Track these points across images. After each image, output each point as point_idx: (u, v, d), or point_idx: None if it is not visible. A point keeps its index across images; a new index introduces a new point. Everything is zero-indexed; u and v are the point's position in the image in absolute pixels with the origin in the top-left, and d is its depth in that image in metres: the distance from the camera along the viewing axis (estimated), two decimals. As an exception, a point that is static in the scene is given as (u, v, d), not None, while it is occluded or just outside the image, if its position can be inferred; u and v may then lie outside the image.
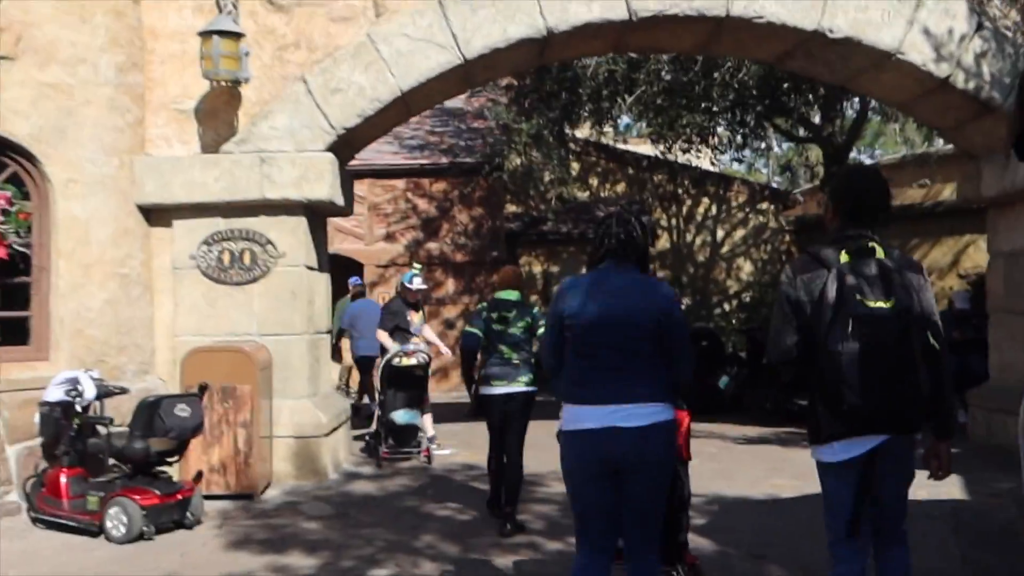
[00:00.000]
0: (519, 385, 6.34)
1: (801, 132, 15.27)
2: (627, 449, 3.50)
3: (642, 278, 3.73)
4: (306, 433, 7.83)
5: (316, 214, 8.41)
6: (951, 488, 7.27)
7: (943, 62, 8.03)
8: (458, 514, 6.81)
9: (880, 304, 3.17)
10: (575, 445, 3.59)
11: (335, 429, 8.26)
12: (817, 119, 14.24)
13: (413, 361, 8.46)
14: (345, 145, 8.38)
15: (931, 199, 18.08)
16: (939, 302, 14.12)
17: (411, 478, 8.11)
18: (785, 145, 20.27)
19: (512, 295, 6.54)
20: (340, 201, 8.39)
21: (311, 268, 8.18)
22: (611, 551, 3.67)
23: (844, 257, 3.25)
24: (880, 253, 3.28)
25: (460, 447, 9.55)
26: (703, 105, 13.13)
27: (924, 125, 9.42)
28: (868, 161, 22.17)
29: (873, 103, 13.92)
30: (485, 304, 6.71)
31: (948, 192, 18.89)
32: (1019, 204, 8.67)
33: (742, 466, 8.42)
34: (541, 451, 6.86)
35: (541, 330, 6.26)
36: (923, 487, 7.32)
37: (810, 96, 13.14)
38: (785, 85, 12.29)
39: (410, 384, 8.63)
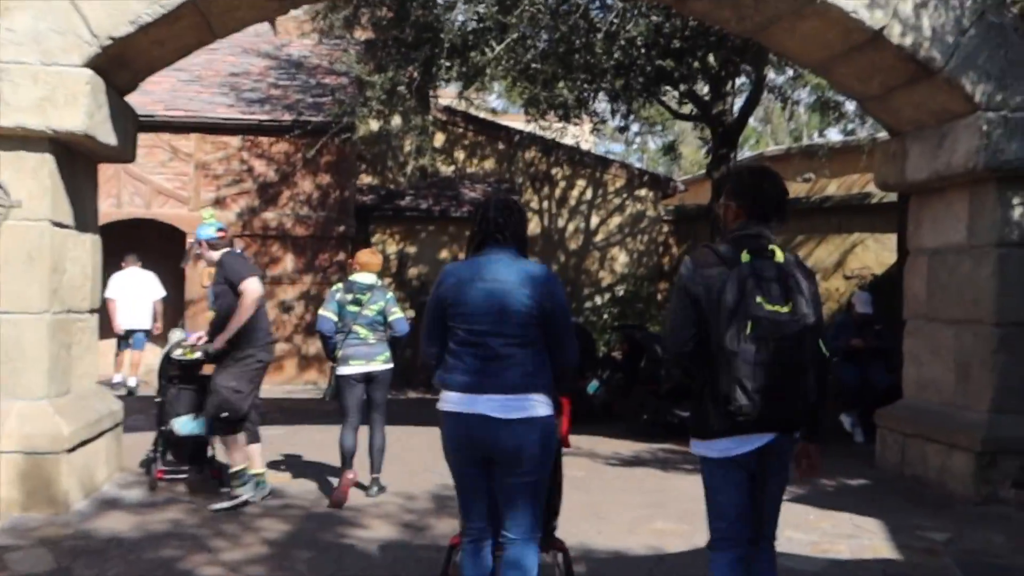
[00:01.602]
0: (378, 363, 6.61)
1: (689, 109, 13.82)
2: (500, 440, 3.54)
3: (523, 262, 3.70)
4: (38, 448, 5.77)
5: (74, 153, 6.31)
6: (874, 540, 5.81)
7: (877, 9, 6.54)
8: (238, 570, 4.92)
9: (778, 308, 3.22)
10: (452, 427, 3.63)
11: (88, 441, 6.20)
12: (707, 93, 12.76)
13: (199, 355, 6.42)
14: (119, 65, 6.32)
15: (816, 194, 17.05)
16: (825, 304, 12.87)
17: (188, 510, 6.12)
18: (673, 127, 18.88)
19: (370, 278, 6.73)
20: (108, 139, 6.32)
21: (61, 225, 6.10)
22: (486, 531, 3.72)
23: (745, 257, 3.28)
24: (779, 256, 3.34)
25: (269, 463, 7.63)
26: (582, 76, 11.49)
27: (843, 92, 7.86)
28: (751, 152, 21.06)
29: (770, 77, 12.58)
30: (340, 285, 6.80)
31: (834, 187, 17.90)
32: (951, 192, 7.29)
33: (617, 500, 6.77)
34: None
35: (395, 314, 6.68)
36: (842, 539, 5.89)
37: (701, 64, 11.63)
38: (676, 44, 10.72)
39: (197, 384, 6.59)
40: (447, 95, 16.49)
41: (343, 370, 6.57)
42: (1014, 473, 6.65)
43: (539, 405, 3.57)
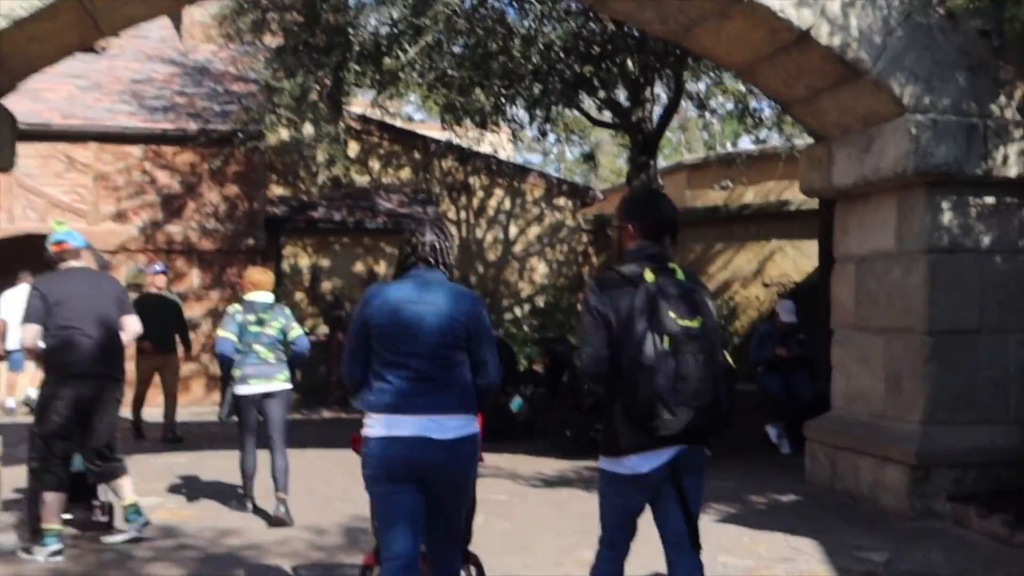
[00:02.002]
0: (277, 383, 6.49)
1: (608, 116, 13.58)
2: (437, 461, 3.53)
3: (451, 285, 3.74)
4: None
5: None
6: (812, 563, 5.53)
7: (805, 8, 6.32)
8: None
9: (689, 323, 3.31)
10: (385, 452, 3.54)
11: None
12: (626, 100, 12.52)
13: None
14: (-12, 63, 5.73)
15: (734, 202, 17.02)
16: (745, 312, 12.72)
17: (67, 557, 5.52)
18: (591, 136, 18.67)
19: (267, 297, 6.61)
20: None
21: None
22: (417, 557, 3.62)
23: (649, 275, 3.36)
24: (680, 273, 3.45)
25: (166, 497, 7.07)
26: (499, 82, 11.16)
27: (768, 95, 7.64)
28: (667, 161, 21.03)
29: (689, 85, 12.41)
30: (238, 306, 6.63)
31: (751, 195, 17.90)
32: (878, 197, 7.11)
33: (541, 525, 6.39)
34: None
35: (295, 331, 6.59)
36: (779, 563, 5.59)
37: (619, 70, 11.37)
38: (595, 49, 10.43)
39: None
40: (361, 104, 16.02)
41: (242, 390, 6.43)
42: (948, 486, 6.46)
43: (472, 423, 3.64)
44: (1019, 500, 6.18)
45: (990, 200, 6.73)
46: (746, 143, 17.60)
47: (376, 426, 3.55)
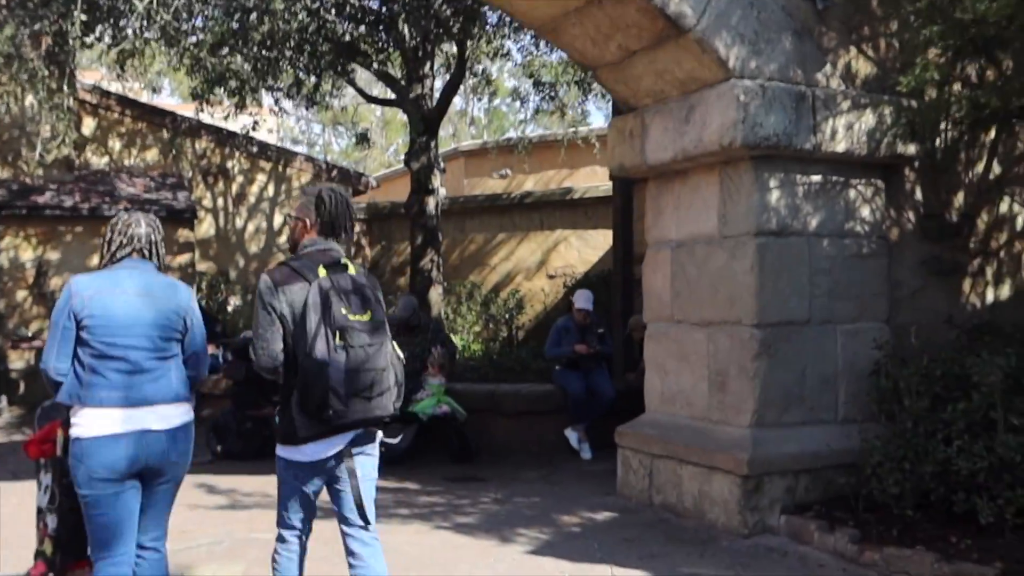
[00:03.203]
0: None
1: (386, 93, 12.37)
2: (158, 450, 3.59)
3: (165, 278, 3.79)
4: None
5: None
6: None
7: (625, -50, 5.42)
8: None
9: (360, 317, 3.49)
10: (104, 449, 3.50)
11: None
12: (403, 76, 11.36)
13: None
14: None
15: (514, 191, 16.26)
16: (530, 304, 11.86)
17: None
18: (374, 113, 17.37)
19: None
20: None
21: None
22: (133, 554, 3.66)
23: (323, 271, 3.51)
24: (352, 268, 3.62)
25: None
26: (257, 47, 9.71)
27: (573, 58, 6.72)
28: (444, 148, 19.99)
29: (474, 57, 11.40)
30: None
31: (531, 183, 17.22)
32: (697, 174, 6.35)
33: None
34: None
35: None
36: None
37: (396, 36, 10.21)
38: (369, 9, 9.21)
39: None
40: (99, 75, 13.98)
41: None
42: (782, 497, 5.78)
43: (187, 411, 3.75)
44: (856, 509, 5.58)
45: (816, 178, 6.12)
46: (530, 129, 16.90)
47: (90, 423, 3.51)
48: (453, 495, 7.08)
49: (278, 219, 15.06)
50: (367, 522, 3.60)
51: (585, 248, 13.85)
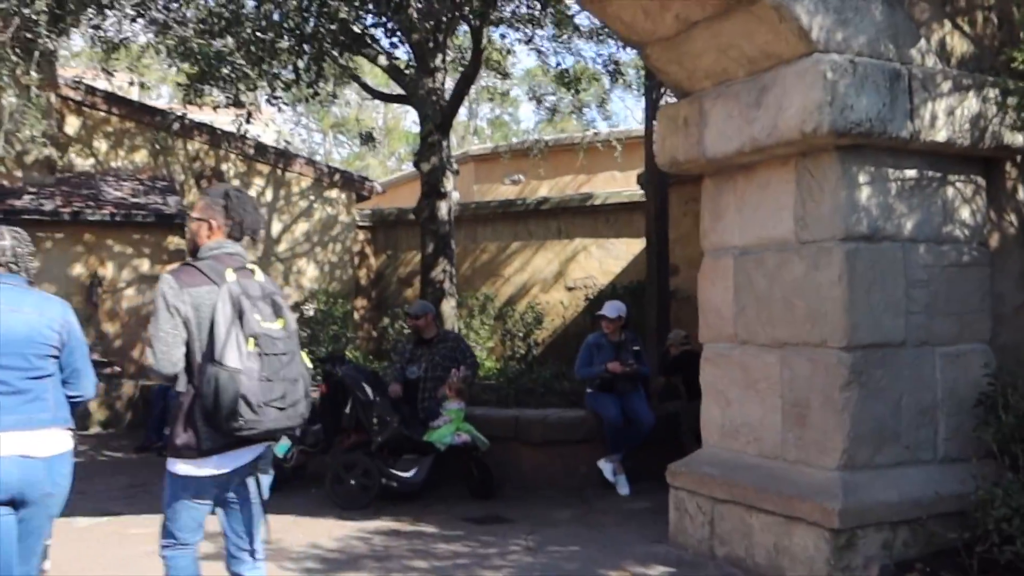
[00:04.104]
0: None
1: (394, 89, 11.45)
2: (35, 478, 3.43)
3: (37, 292, 3.66)
4: None
5: None
6: None
7: None
8: None
9: (272, 324, 3.36)
10: None
11: None
12: (410, 65, 10.43)
13: None
14: None
15: (527, 197, 15.32)
16: (547, 316, 10.86)
17: None
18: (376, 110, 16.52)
19: None
20: None
21: None
22: None
23: (231, 275, 3.37)
24: (258, 275, 3.51)
25: None
26: (255, 34, 8.80)
27: (620, 36, 5.76)
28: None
29: (497, 38, 10.46)
30: None
31: (546, 190, 16.29)
32: (767, 169, 5.41)
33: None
34: None
35: None
36: None
37: (405, 25, 9.28)
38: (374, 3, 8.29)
39: None
40: (84, 73, 13.06)
41: None
42: (878, 553, 4.81)
43: (68, 438, 3.58)
44: (969, 569, 4.62)
45: (911, 173, 5.17)
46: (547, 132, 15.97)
47: None
48: (477, 542, 6.11)
49: (277, 226, 14.12)
50: (255, 545, 3.56)
51: (607, 258, 12.91)
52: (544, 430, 7.85)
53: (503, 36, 10.56)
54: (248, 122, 10.27)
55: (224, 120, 11.38)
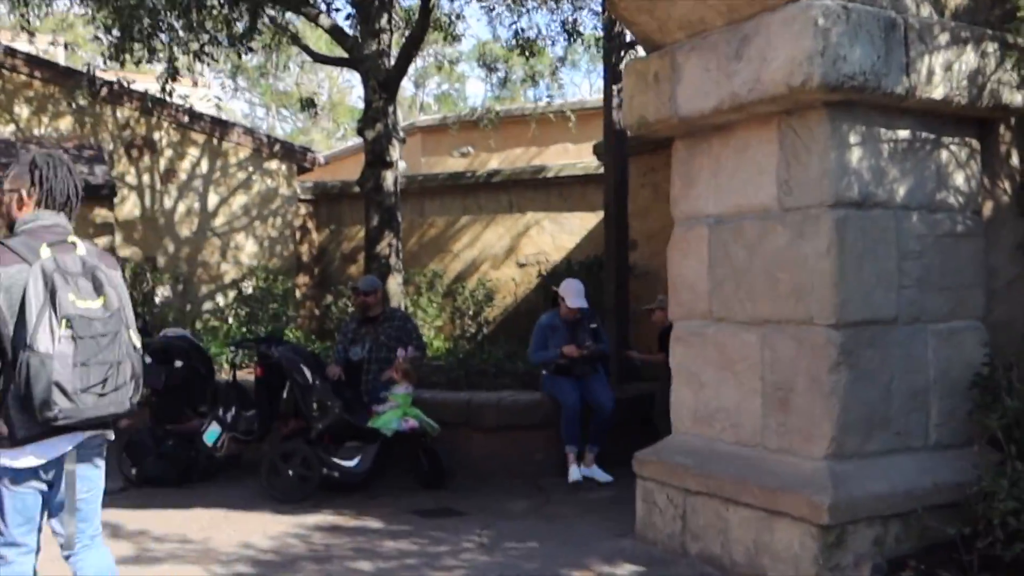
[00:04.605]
0: None
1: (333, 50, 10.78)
2: None
3: None
4: None
5: None
6: None
7: None
8: None
9: (90, 304, 3.13)
10: None
11: None
12: (351, 25, 9.78)
13: None
14: None
15: (476, 170, 14.73)
16: (498, 295, 10.30)
17: None
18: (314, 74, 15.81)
19: None
20: None
21: None
22: None
23: (45, 251, 3.12)
24: (81, 248, 3.24)
25: None
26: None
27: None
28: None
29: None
30: None
31: (496, 163, 15.70)
32: (745, 128, 4.93)
33: None
34: None
35: None
36: None
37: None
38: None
39: None
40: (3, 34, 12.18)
41: None
42: (869, 550, 4.38)
43: None
44: (969, 566, 4.21)
45: (904, 134, 4.72)
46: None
47: None
48: (427, 538, 5.58)
49: (213, 199, 13.37)
50: (96, 533, 3.39)
51: (560, 233, 12.40)
52: (498, 414, 7.33)
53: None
54: (174, 79, 9.50)
55: (159, 88, 10.58)
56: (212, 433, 6.85)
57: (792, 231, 4.64)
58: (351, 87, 40.05)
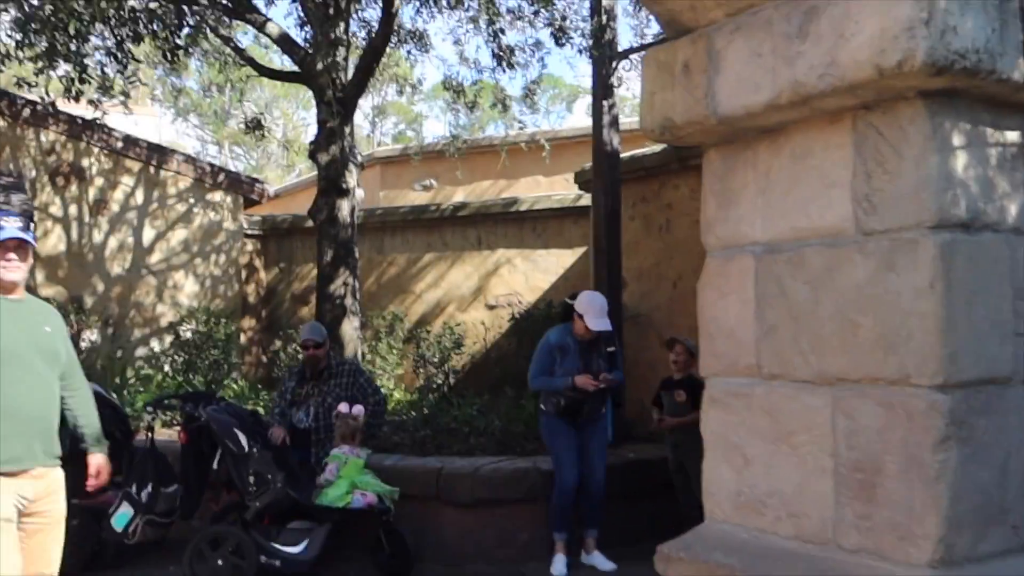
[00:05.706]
0: None
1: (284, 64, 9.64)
2: None
3: None
4: None
5: None
6: None
7: None
8: None
9: None
10: None
11: None
12: (303, 36, 8.67)
13: None
14: None
15: (441, 203, 13.62)
16: (471, 341, 9.08)
17: None
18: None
19: None
20: None
21: None
22: None
23: None
24: None
25: None
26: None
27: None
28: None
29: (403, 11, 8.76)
30: None
31: (462, 196, 14.62)
32: (804, 130, 3.84)
33: None
34: None
35: None
36: None
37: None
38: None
39: None
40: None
41: None
42: None
43: None
44: None
45: (1012, 136, 3.66)
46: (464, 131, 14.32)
47: None
48: (390, 658, 4.34)
49: (149, 233, 12.09)
50: None
51: (534, 272, 11.30)
52: (474, 486, 6.14)
53: (418, 11, 8.89)
54: (82, 81, 8.25)
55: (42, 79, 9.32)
56: (122, 516, 5.57)
57: (876, 261, 3.53)
58: (307, 125, 38.87)
